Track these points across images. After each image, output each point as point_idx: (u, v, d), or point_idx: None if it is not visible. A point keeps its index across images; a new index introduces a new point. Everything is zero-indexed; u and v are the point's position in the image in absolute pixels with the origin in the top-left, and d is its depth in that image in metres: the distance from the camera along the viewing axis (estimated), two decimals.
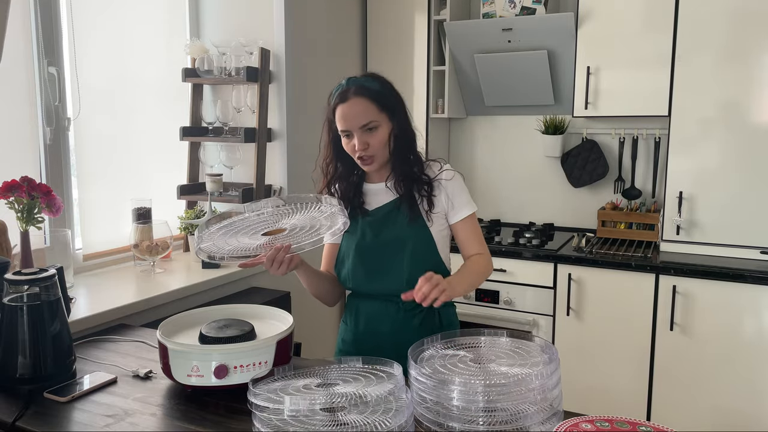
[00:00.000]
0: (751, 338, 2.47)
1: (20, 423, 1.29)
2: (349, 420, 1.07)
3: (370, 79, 1.58)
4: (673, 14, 2.64)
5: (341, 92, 1.56)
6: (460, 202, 1.63)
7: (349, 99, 1.54)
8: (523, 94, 3.23)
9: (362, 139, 1.54)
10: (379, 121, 1.54)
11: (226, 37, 2.74)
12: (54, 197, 1.85)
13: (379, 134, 1.55)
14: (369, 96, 1.54)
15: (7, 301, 1.44)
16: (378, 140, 1.55)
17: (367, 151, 1.55)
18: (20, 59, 2.11)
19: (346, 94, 1.55)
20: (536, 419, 1.12)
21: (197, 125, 2.80)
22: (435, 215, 1.61)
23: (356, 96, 1.54)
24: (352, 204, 1.64)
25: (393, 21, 3.24)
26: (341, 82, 1.59)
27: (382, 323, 1.64)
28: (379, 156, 1.57)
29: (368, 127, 1.53)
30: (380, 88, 1.56)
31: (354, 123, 1.53)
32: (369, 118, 1.53)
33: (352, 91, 1.54)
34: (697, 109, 2.65)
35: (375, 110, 1.54)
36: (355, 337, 1.68)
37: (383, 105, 1.55)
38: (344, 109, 1.54)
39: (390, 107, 1.57)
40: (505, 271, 2.90)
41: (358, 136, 1.54)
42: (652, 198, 3.12)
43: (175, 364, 1.39)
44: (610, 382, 2.72)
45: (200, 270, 2.45)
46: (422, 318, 1.62)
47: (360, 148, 1.54)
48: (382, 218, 1.61)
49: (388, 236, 1.60)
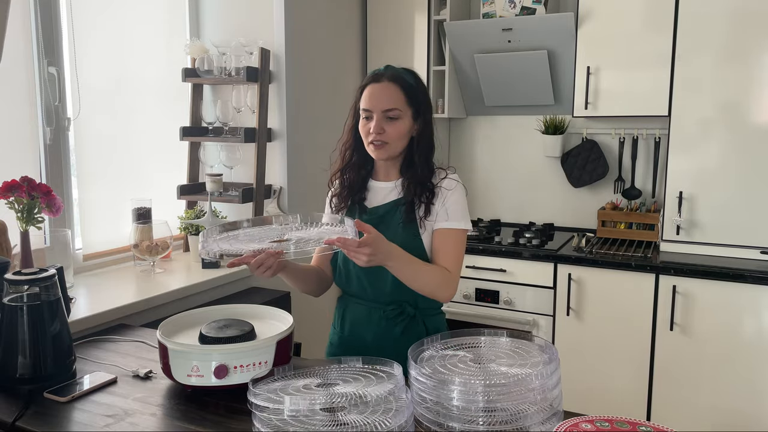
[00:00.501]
0: (751, 338, 2.47)
1: (20, 423, 1.29)
2: (349, 420, 1.07)
3: (408, 72, 1.58)
4: (673, 14, 2.64)
5: (376, 74, 1.56)
6: (454, 214, 1.57)
7: (381, 81, 1.54)
8: (523, 94, 3.23)
9: (380, 123, 1.52)
10: (403, 112, 1.53)
11: (226, 37, 2.74)
12: (54, 197, 1.85)
13: (398, 125, 1.53)
14: (402, 85, 1.54)
15: (7, 301, 1.44)
16: (396, 130, 1.53)
17: (381, 137, 1.53)
18: (20, 59, 2.11)
19: (380, 77, 1.55)
20: (536, 419, 1.12)
21: (197, 125, 2.80)
22: (429, 223, 1.58)
23: (390, 81, 1.54)
24: (354, 199, 1.64)
25: (393, 21, 3.24)
26: (379, 68, 1.59)
27: (365, 329, 1.63)
28: (391, 146, 1.55)
29: (390, 114, 1.52)
30: (415, 83, 1.57)
31: (378, 104, 1.52)
32: (394, 105, 1.52)
33: (387, 75, 1.55)
34: (697, 109, 2.65)
35: (402, 100, 1.53)
36: (341, 341, 1.68)
37: (412, 100, 1.55)
38: (373, 88, 1.54)
39: (417, 105, 1.56)
40: (505, 271, 2.90)
41: (378, 119, 1.52)
42: (652, 198, 3.12)
43: (175, 364, 1.39)
44: (610, 382, 2.72)
45: (200, 270, 2.45)
46: (404, 326, 1.59)
47: (375, 131, 1.53)
48: (377, 219, 1.60)
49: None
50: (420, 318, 1.61)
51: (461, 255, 1.59)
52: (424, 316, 1.62)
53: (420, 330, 1.60)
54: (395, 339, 1.58)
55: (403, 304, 1.58)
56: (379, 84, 1.54)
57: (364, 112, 1.55)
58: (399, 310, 1.59)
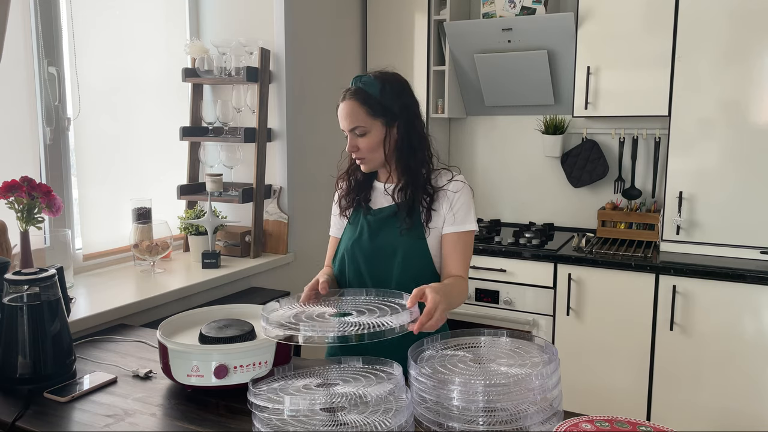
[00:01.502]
0: (751, 338, 2.47)
1: (20, 423, 1.29)
2: (349, 420, 1.07)
3: (375, 80, 1.54)
4: (673, 14, 2.64)
5: (343, 91, 1.57)
6: (461, 216, 1.57)
7: (344, 100, 1.55)
8: (523, 94, 3.23)
9: (352, 141, 1.55)
10: (368, 126, 1.53)
11: (226, 37, 2.74)
12: (54, 197, 1.85)
13: (367, 139, 1.54)
14: (361, 100, 1.52)
15: (7, 301, 1.44)
16: (366, 145, 1.54)
17: (357, 153, 1.56)
18: (20, 59, 2.11)
19: (344, 95, 1.56)
20: (536, 419, 1.12)
21: (197, 125, 2.80)
22: (434, 228, 1.57)
23: (350, 98, 1.53)
24: (359, 199, 1.65)
25: (393, 21, 3.24)
26: (352, 80, 1.59)
27: None
28: (369, 159, 1.57)
29: (356, 131, 1.53)
30: (379, 91, 1.53)
31: (344, 124, 1.55)
32: (355, 123, 1.53)
33: (349, 92, 1.54)
34: (697, 109, 2.65)
35: (364, 115, 1.52)
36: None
37: (377, 110, 1.53)
38: (340, 108, 1.56)
39: (386, 112, 1.53)
40: (505, 271, 2.90)
41: (350, 138, 1.55)
42: (652, 198, 3.12)
43: (175, 364, 1.39)
44: (610, 382, 2.72)
45: (200, 270, 2.45)
46: None
47: (349, 150, 1.57)
48: (380, 221, 1.60)
49: (381, 241, 1.58)
50: None
51: (469, 257, 1.60)
52: None
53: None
54: (398, 339, 1.58)
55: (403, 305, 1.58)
56: (343, 103, 1.55)
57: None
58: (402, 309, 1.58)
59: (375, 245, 1.58)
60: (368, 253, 1.59)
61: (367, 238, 1.59)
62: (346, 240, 1.64)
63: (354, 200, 1.66)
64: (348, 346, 1.64)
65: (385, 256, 1.57)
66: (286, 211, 2.77)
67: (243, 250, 2.68)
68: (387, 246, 1.57)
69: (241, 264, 2.56)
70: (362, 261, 1.60)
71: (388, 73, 1.58)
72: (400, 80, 1.59)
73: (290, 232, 2.77)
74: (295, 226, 2.81)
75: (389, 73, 1.59)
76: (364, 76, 1.56)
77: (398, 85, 1.57)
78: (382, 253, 1.58)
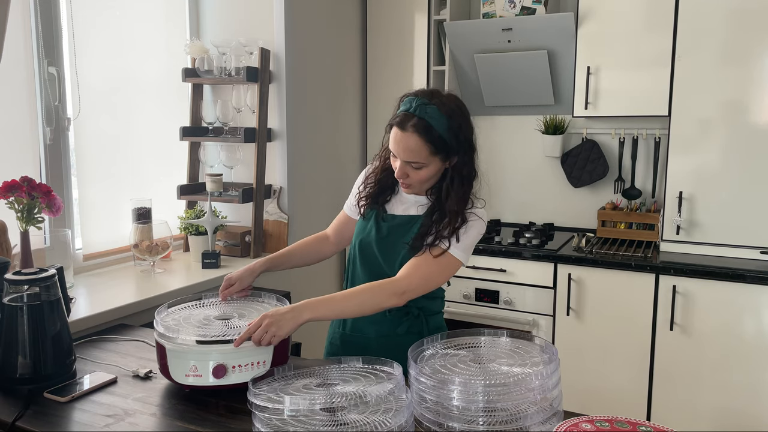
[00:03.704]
0: (751, 338, 2.47)
1: (20, 423, 1.29)
2: (349, 420, 1.07)
3: (441, 114, 1.44)
4: (673, 14, 2.64)
5: (403, 116, 1.46)
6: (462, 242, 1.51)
7: (405, 130, 1.44)
8: (523, 94, 3.23)
9: (404, 169, 1.50)
10: (427, 163, 1.47)
11: (226, 37, 2.74)
12: (54, 197, 1.85)
13: (422, 173, 1.49)
14: (425, 137, 1.43)
15: (7, 301, 1.44)
16: (418, 177, 1.50)
17: (406, 181, 1.52)
18: (20, 59, 2.11)
19: (405, 123, 1.45)
20: (536, 419, 1.12)
21: (197, 125, 2.80)
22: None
23: (413, 132, 1.44)
24: (378, 199, 1.63)
25: (393, 21, 3.24)
26: (411, 101, 1.47)
27: (368, 328, 1.63)
28: (416, 187, 1.55)
29: (412, 165, 1.48)
30: (446, 129, 1.44)
31: (400, 154, 1.48)
32: (415, 158, 1.46)
33: (413, 123, 1.44)
34: (697, 109, 2.65)
35: (426, 153, 1.45)
36: (343, 339, 1.68)
37: (439, 147, 1.46)
38: (397, 136, 1.47)
39: (447, 150, 1.47)
40: (505, 271, 2.90)
41: (401, 166, 1.50)
42: (652, 198, 3.12)
43: (173, 365, 1.39)
44: (610, 382, 2.72)
45: (200, 270, 2.45)
46: (408, 325, 1.60)
47: (398, 176, 1.51)
48: (392, 227, 1.60)
49: (388, 247, 1.59)
50: (423, 317, 1.61)
51: (434, 278, 1.49)
52: (426, 315, 1.62)
53: (422, 329, 1.60)
54: (398, 337, 1.59)
55: (408, 304, 1.57)
56: (403, 133, 1.45)
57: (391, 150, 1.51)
58: (405, 311, 1.59)
59: (381, 247, 1.60)
60: (374, 253, 1.60)
61: (375, 238, 1.60)
62: (357, 234, 1.66)
63: (374, 199, 1.65)
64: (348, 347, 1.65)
65: (389, 260, 1.58)
66: (286, 211, 2.77)
67: (243, 250, 2.68)
68: (392, 252, 1.58)
69: (241, 264, 2.55)
70: (368, 258, 1.61)
71: (452, 104, 1.49)
72: (464, 112, 1.51)
73: (290, 232, 2.77)
74: (295, 226, 2.81)
75: (452, 102, 1.49)
76: (429, 105, 1.45)
77: (463, 119, 1.50)
78: (387, 256, 1.59)
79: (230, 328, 1.42)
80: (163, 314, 1.49)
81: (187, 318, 1.49)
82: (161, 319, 1.46)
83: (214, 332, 1.39)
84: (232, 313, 1.53)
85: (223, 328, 1.42)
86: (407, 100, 1.49)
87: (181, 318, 1.49)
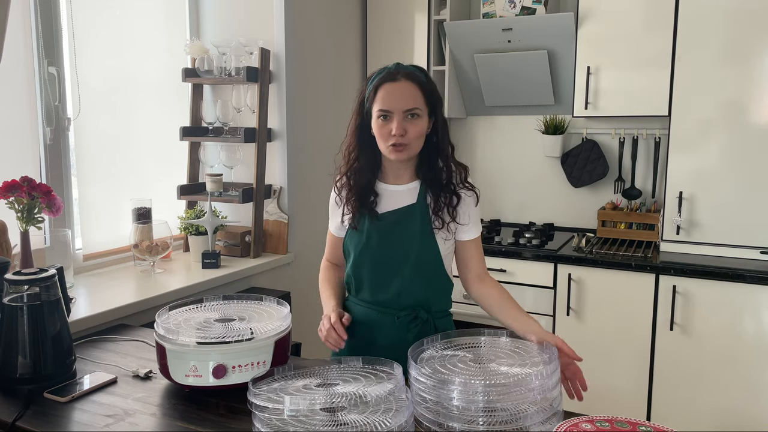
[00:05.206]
0: (751, 338, 2.47)
1: (20, 423, 1.29)
2: (349, 420, 1.07)
3: (418, 70, 1.54)
4: (673, 14, 2.64)
5: (389, 72, 1.51)
6: (475, 221, 1.60)
7: (398, 80, 1.49)
8: (523, 94, 3.23)
9: (402, 124, 1.48)
10: (422, 111, 1.50)
11: (226, 37, 2.74)
12: (54, 197, 1.85)
13: (418, 124, 1.50)
14: (418, 84, 1.50)
15: (7, 301, 1.44)
16: (417, 130, 1.49)
17: (404, 138, 1.48)
18: (20, 59, 2.11)
19: (395, 75, 1.50)
20: (536, 419, 1.12)
21: (197, 125, 2.80)
22: (452, 230, 1.56)
23: (407, 79, 1.49)
24: (363, 204, 1.57)
25: (393, 21, 3.24)
26: (387, 66, 1.54)
27: (377, 335, 1.59)
28: (412, 146, 1.51)
29: (411, 112, 1.48)
30: (427, 81, 1.53)
31: (400, 104, 1.47)
32: (415, 104, 1.48)
33: (403, 74, 1.50)
34: (697, 109, 2.65)
35: (421, 99, 1.50)
36: (350, 345, 1.59)
37: (428, 98, 1.52)
38: (391, 87, 1.49)
39: (433, 103, 1.53)
40: (505, 271, 2.90)
41: (399, 120, 1.47)
42: (652, 198, 3.12)
43: (173, 365, 1.39)
44: (610, 382, 2.72)
45: (200, 270, 2.45)
46: (417, 331, 1.56)
47: (398, 132, 1.48)
48: (391, 224, 1.56)
49: (393, 246, 1.55)
50: (432, 321, 1.59)
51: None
52: (435, 318, 1.60)
53: (431, 332, 1.56)
54: (408, 343, 1.55)
55: (417, 309, 1.56)
56: (397, 83, 1.49)
57: (380, 112, 1.49)
58: (413, 315, 1.56)
59: (386, 251, 1.55)
60: (379, 260, 1.56)
61: (377, 244, 1.56)
62: (353, 244, 1.59)
63: (356, 206, 1.58)
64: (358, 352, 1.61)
65: (397, 262, 1.55)
66: (286, 211, 2.77)
67: (243, 250, 2.67)
68: (400, 251, 1.55)
69: (241, 264, 2.56)
70: (372, 268, 1.57)
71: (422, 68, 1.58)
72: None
73: (290, 232, 2.77)
74: (295, 226, 2.81)
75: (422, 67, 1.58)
76: (402, 64, 1.54)
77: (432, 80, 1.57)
78: (394, 259, 1.55)
79: (230, 330, 1.42)
80: (163, 317, 1.49)
81: (188, 320, 1.49)
82: (162, 321, 1.46)
83: (214, 334, 1.39)
84: (232, 316, 1.52)
85: (223, 330, 1.42)
86: (378, 70, 1.55)
87: (181, 320, 1.49)
